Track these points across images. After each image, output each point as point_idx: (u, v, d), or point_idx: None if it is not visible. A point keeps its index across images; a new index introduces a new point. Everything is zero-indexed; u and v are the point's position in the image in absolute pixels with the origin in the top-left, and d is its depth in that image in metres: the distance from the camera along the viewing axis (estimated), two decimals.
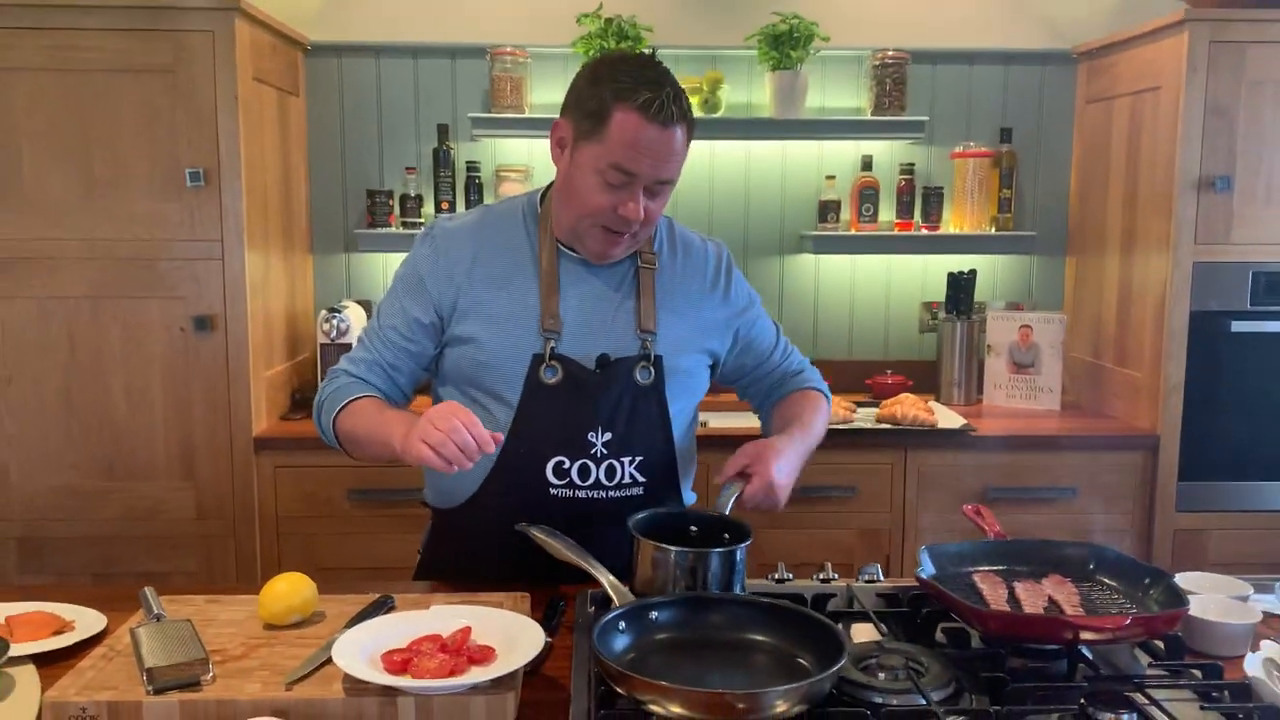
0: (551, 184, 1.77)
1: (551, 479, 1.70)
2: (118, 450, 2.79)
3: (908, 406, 2.92)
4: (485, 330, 1.70)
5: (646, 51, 3.13)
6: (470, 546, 1.80)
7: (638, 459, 1.73)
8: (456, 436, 1.48)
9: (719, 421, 3.16)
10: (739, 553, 1.52)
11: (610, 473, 1.71)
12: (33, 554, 2.81)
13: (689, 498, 1.88)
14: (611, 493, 1.72)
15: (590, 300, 1.73)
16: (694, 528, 1.62)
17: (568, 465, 1.70)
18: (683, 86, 1.63)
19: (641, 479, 1.74)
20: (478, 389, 1.72)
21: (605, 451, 1.70)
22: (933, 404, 3.07)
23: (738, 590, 1.52)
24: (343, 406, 1.70)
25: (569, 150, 1.65)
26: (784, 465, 1.70)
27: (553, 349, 1.69)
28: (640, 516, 1.58)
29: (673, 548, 1.49)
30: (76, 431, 2.78)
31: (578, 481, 1.70)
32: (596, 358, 1.71)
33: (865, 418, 2.98)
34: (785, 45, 3.14)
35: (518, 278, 1.72)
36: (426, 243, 1.76)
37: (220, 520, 2.82)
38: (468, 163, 3.28)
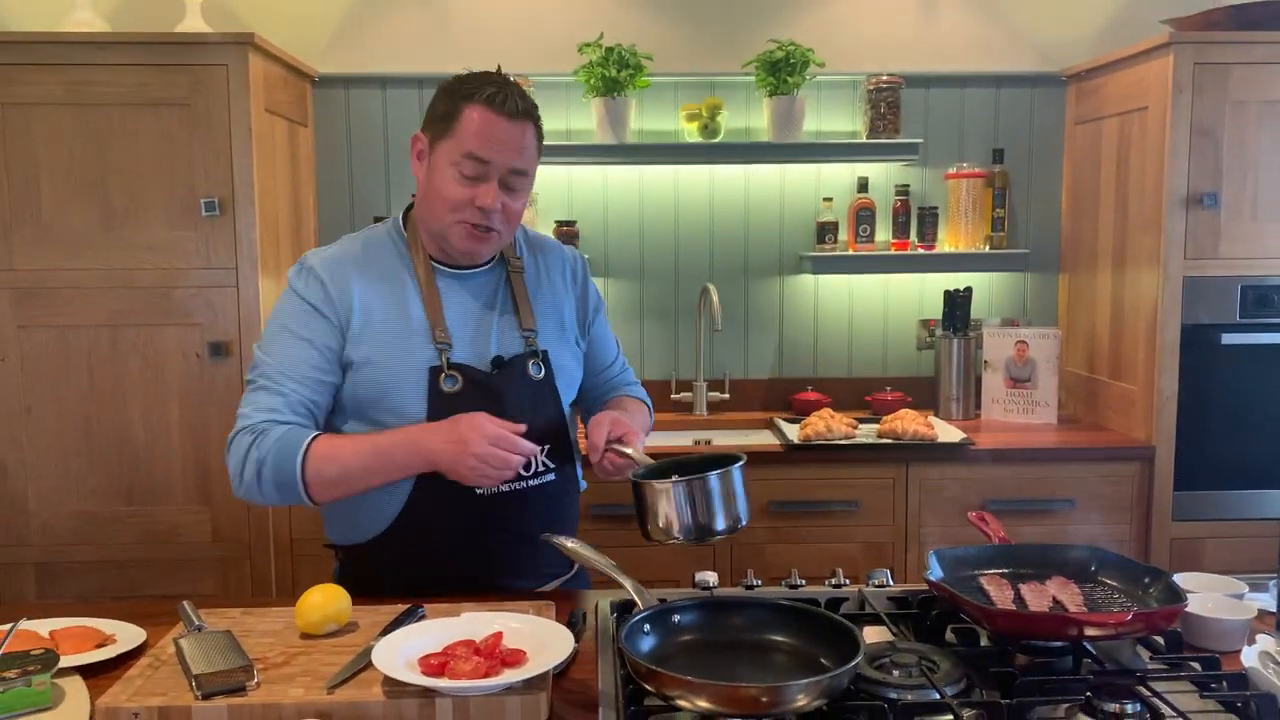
0: (409, 207, 1.88)
1: None
2: (135, 476, 2.84)
3: (908, 422, 2.99)
4: (380, 351, 1.75)
5: (649, 77, 3.23)
6: (394, 574, 1.80)
7: (546, 447, 1.82)
8: (520, 449, 1.59)
9: (723, 440, 3.23)
10: (735, 473, 1.60)
11: (527, 464, 1.77)
12: (51, 579, 2.85)
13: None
14: (531, 482, 1.80)
15: (471, 309, 1.82)
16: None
17: None
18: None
19: (552, 465, 1.84)
20: (380, 410, 1.74)
21: None
22: (932, 419, 3.13)
23: (742, 511, 1.60)
24: (306, 451, 1.66)
25: (427, 158, 1.77)
26: (622, 419, 1.79)
27: (448, 359, 1.76)
28: (640, 471, 1.64)
29: (669, 481, 1.57)
30: (96, 458, 2.83)
31: None
32: (491, 359, 1.80)
33: (866, 433, 3.04)
34: (782, 71, 3.22)
35: (401, 296, 1.79)
36: (305, 275, 1.78)
37: (236, 543, 2.87)
38: None
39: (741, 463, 1.61)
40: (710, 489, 1.58)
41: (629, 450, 1.70)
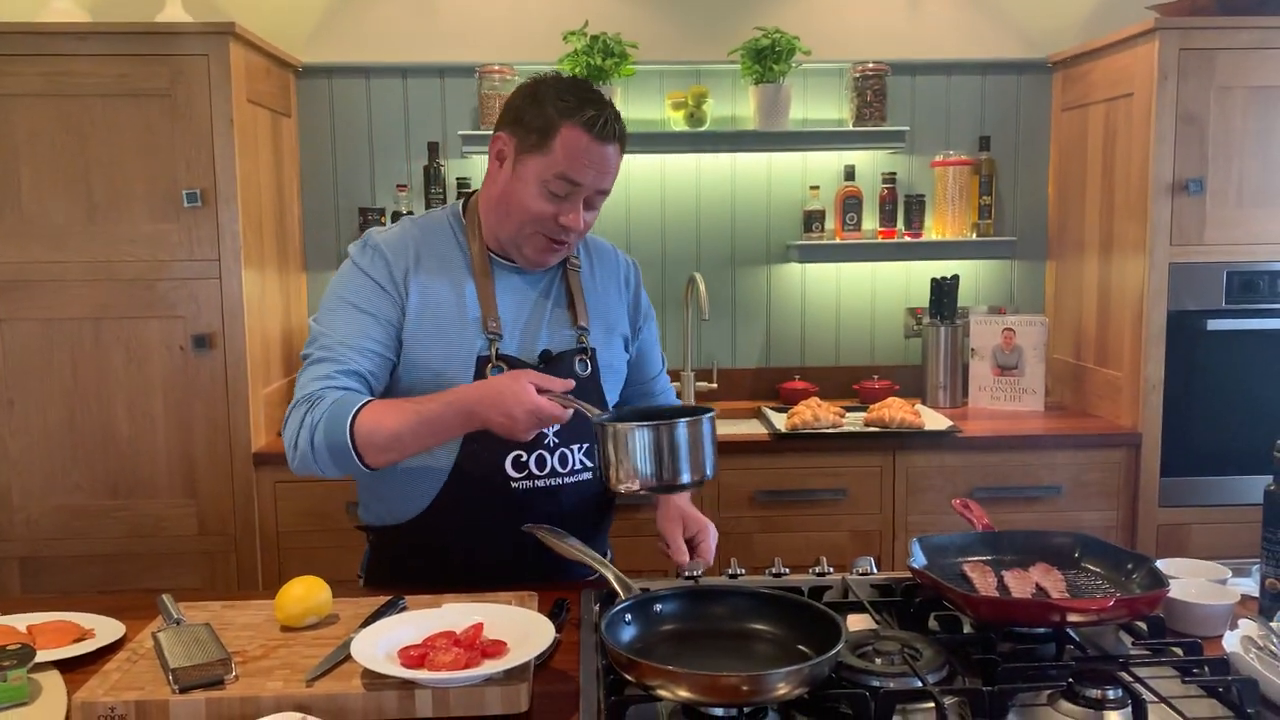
0: (470, 195, 1.87)
1: (511, 473, 1.75)
2: (120, 469, 2.82)
3: (895, 410, 2.98)
4: (434, 336, 1.75)
5: (634, 65, 3.22)
6: (423, 559, 1.81)
7: (585, 445, 1.81)
8: (554, 417, 1.57)
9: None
10: (705, 424, 1.54)
11: (563, 460, 1.79)
12: (36, 573, 2.84)
13: None
14: (566, 479, 1.80)
15: (524, 302, 1.82)
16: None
17: (525, 458, 1.76)
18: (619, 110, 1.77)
19: (590, 464, 1.82)
20: (424, 391, 1.73)
21: (557, 441, 1.78)
22: (919, 407, 3.13)
23: (709, 464, 1.54)
24: (356, 415, 1.63)
25: (510, 162, 1.75)
26: (693, 514, 1.84)
27: (497, 349, 1.75)
28: (605, 416, 1.59)
29: (637, 425, 1.51)
30: (80, 451, 2.81)
31: (535, 472, 1.77)
32: (539, 353, 1.79)
33: (854, 421, 3.04)
34: (768, 59, 3.21)
35: (456, 283, 1.78)
36: (369, 253, 1.78)
37: (222, 536, 2.86)
38: (458, 179, 3.34)
39: (712, 414, 1.57)
40: (678, 437, 1.52)
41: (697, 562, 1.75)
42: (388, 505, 1.84)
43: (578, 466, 1.81)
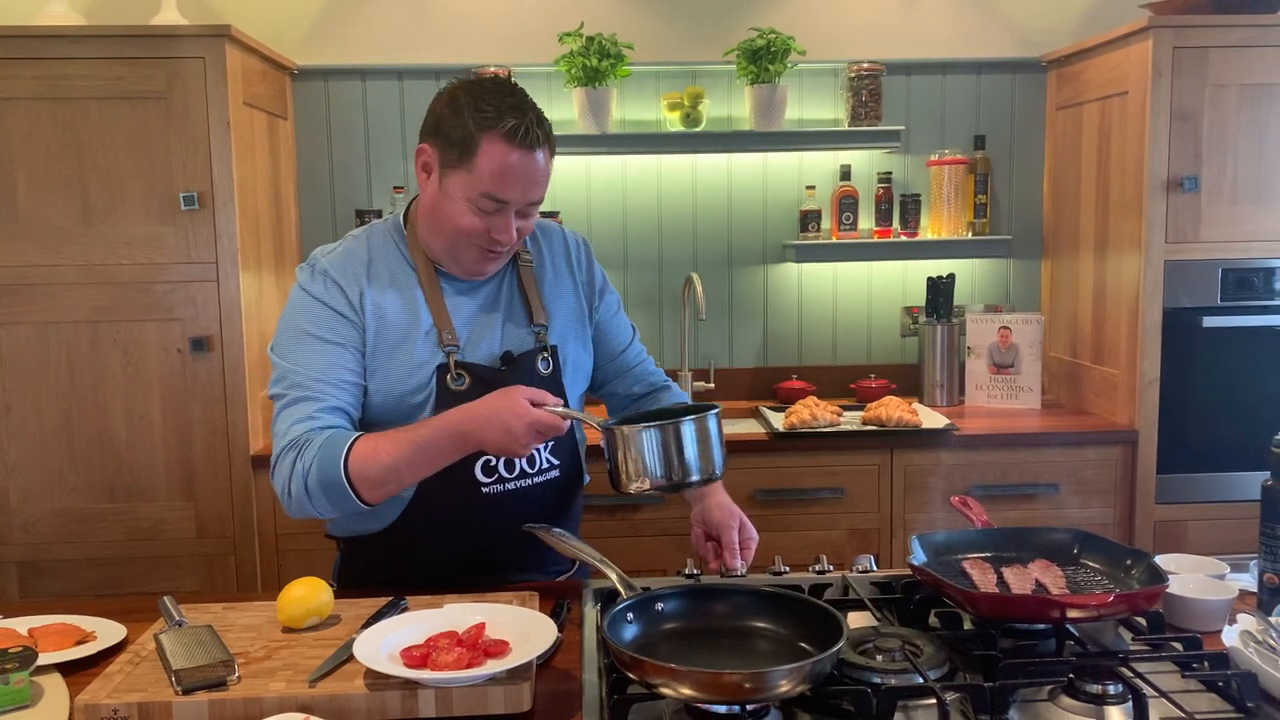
0: (410, 204, 1.83)
1: (481, 478, 1.74)
2: (118, 472, 2.82)
3: (892, 409, 2.99)
4: (389, 353, 1.73)
5: (630, 66, 3.22)
6: (395, 567, 1.80)
7: (550, 443, 1.79)
8: (553, 428, 1.57)
9: None
10: (710, 420, 1.56)
11: (531, 461, 1.78)
12: (34, 577, 2.83)
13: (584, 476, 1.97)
14: (535, 479, 1.79)
15: (477, 308, 1.79)
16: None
17: (495, 462, 1.74)
18: (544, 113, 1.70)
19: (556, 462, 1.82)
20: (390, 412, 1.73)
21: None
22: (916, 405, 3.13)
23: (717, 462, 1.57)
24: (348, 453, 1.60)
25: (435, 176, 1.70)
26: (731, 512, 1.87)
27: (455, 359, 1.73)
28: (611, 420, 1.59)
29: (641, 426, 1.53)
30: (77, 455, 2.81)
31: (505, 475, 1.76)
32: (500, 356, 1.77)
33: (851, 420, 3.04)
34: (763, 59, 3.21)
35: (406, 298, 1.75)
36: (320, 279, 1.74)
37: (221, 539, 2.86)
38: None
39: (716, 411, 1.58)
40: (684, 435, 1.54)
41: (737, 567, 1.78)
42: (356, 519, 1.81)
43: (545, 465, 1.80)
